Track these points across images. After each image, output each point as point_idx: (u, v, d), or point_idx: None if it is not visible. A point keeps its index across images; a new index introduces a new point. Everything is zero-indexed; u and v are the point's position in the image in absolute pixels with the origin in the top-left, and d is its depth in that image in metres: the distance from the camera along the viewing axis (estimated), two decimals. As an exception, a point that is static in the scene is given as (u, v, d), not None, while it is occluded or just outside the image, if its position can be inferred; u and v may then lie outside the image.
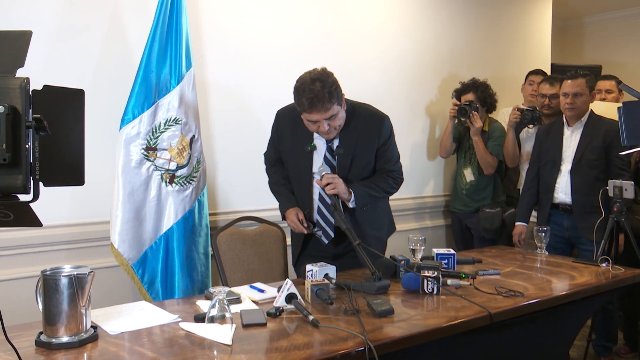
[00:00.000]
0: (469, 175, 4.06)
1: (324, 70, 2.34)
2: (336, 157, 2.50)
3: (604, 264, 2.73)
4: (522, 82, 4.35)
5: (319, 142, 2.52)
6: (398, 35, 4.12)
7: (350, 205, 2.51)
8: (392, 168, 2.62)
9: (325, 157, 2.52)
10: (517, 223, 3.51)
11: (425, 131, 4.34)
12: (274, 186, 2.74)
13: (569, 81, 3.30)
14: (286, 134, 2.59)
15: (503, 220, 3.90)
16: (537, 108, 3.80)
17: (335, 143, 2.50)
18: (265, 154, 2.80)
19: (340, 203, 2.46)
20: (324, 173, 2.45)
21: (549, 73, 4.50)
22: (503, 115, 4.27)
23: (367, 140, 2.51)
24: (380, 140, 2.53)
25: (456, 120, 4.06)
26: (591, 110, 3.34)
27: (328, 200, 2.51)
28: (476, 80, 4.03)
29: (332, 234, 2.56)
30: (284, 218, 2.66)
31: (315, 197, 2.57)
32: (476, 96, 3.99)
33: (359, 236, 2.37)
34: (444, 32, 4.42)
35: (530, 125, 3.79)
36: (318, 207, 2.56)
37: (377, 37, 3.98)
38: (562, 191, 3.32)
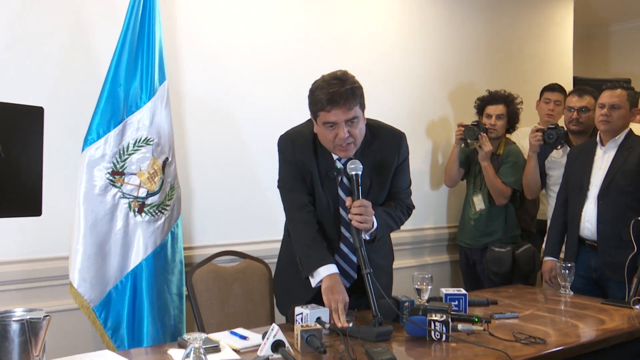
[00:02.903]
0: (478, 203, 4.08)
1: (345, 71, 2.40)
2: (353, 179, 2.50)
3: (637, 306, 2.74)
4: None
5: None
6: (397, 43, 4.18)
7: (367, 237, 2.46)
8: (405, 194, 2.65)
9: (342, 183, 2.51)
10: (546, 258, 3.50)
11: (428, 155, 4.38)
12: (308, 241, 2.47)
13: (607, 91, 3.31)
14: (305, 159, 2.50)
15: (515, 260, 3.90)
16: (558, 125, 3.75)
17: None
18: (286, 193, 2.57)
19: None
20: (353, 173, 2.35)
21: (570, 88, 4.55)
22: (517, 136, 4.31)
23: (386, 160, 2.55)
24: (399, 158, 2.58)
25: (462, 144, 4.10)
26: (630, 129, 3.34)
27: (347, 234, 2.48)
28: (509, 93, 4.07)
29: (354, 275, 2.52)
30: (306, 277, 2.44)
31: (343, 230, 2.53)
32: (507, 111, 4.03)
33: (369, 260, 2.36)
34: (452, 41, 4.49)
35: (559, 147, 3.75)
36: (341, 243, 2.54)
37: (373, 47, 4.03)
38: (589, 221, 3.31)
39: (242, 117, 3.46)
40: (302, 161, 2.51)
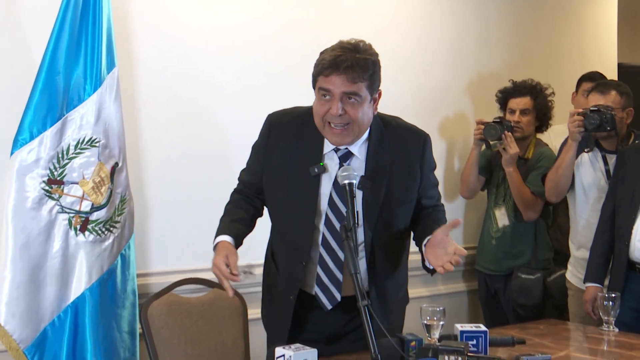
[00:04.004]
0: (501, 218, 4.09)
1: (369, 44, 2.46)
2: (360, 192, 2.47)
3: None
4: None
5: (330, 164, 2.51)
6: (402, 23, 4.19)
7: (429, 265, 2.50)
8: (438, 203, 2.70)
9: (332, 192, 2.48)
10: (588, 284, 3.48)
11: (441, 159, 4.38)
12: (225, 207, 2.69)
13: None
14: (282, 146, 2.56)
15: (546, 289, 3.91)
16: (606, 106, 3.58)
17: (356, 171, 2.45)
18: (241, 173, 2.77)
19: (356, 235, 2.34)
20: (346, 182, 2.30)
21: (614, 76, 4.57)
22: (549, 136, 4.33)
23: (406, 169, 2.55)
24: (423, 166, 2.58)
25: (483, 146, 4.12)
26: None
27: (335, 245, 2.48)
28: (537, 83, 4.10)
29: (338, 297, 2.52)
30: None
31: (319, 239, 2.53)
32: (534, 104, 4.05)
33: (378, 301, 2.39)
34: (469, 22, 4.51)
35: (587, 150, 3.75)
36: (320, 255, 2.53)
37: (372, 27, 4.00)
38: (640, 240, 3.33)
39: (214, 111, 3.46)
40: (277, 147, 2.55)
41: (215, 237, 2.53)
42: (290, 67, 3.67)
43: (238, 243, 2.52)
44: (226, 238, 2.49)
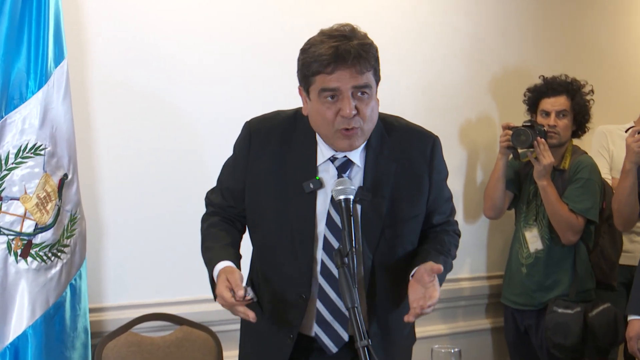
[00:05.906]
0: (533, 241, 4.08)
1: (355, 27, 2.42)
2: (359, 207, 2.48)
3: None
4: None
5: (326, 177, 2.50)
6: (413, 11, 4.21)
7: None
8: (450, 219, 2.70)
9: (330, 210, 2.49)
10: (633, 317, 3.49)
11: (461, 172, 4.39)
12: (207, 232, 2.66)
13: None
14: (266, 159, 2.54)
15: (587, 326, 3.90)
16: None
17: (356, 182, 2.48)
18: (209, 196, 2.74)
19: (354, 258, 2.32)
20: (342, 197, 2.33)
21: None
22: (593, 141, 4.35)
23: (412, 177, 2.55)
24: (432, 177, 2.58)
25: (511, 156, 4.13)
26: None
27: (335, 272, 2.45)
28: (572, 79, 4.10)
29: (345, 336, 2.52)
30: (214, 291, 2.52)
31: (318, 267, 2.52)
32: (571, 104, 4.05)
33: (381, 339, 2.41)
34: (492, 8, 4.53)
35: None
36: (320, 288, 2.53)
37: (378, 15, 4.04)
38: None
39: (183, 111, 3.48)
40: (260, 160, 2.53)
41: (212, 269, 2.48)
42: (271, 56, 3.70)
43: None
44: (227, 264, 2.45)
